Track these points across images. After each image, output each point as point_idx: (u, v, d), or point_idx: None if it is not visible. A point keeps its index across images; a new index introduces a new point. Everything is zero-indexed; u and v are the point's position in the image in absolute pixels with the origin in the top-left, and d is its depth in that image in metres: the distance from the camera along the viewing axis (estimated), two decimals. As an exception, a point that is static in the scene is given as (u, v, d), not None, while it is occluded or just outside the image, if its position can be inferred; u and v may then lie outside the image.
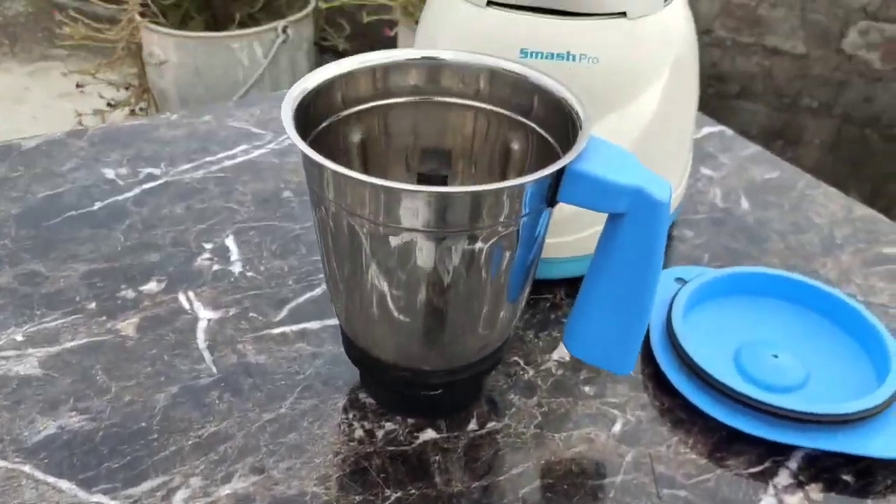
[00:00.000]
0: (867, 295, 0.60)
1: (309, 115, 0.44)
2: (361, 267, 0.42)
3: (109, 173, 0.70)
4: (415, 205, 0.38)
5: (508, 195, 0.39)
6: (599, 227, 0.55)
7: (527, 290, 0.46)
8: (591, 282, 0.45)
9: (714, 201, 0.70)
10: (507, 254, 0.41)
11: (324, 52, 2.15)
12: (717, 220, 0.68)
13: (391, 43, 1.94)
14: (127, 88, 1.95)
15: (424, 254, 0.40)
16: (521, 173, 0.48)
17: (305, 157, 0.40)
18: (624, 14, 0.53)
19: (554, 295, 0.59)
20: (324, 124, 0.46)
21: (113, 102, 1.92)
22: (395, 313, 0.43)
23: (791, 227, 0.67)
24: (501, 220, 0.39)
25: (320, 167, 0.39)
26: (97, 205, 0.66)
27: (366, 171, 0.49)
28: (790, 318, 0.56)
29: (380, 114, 0.48)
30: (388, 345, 0.45)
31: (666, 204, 0.40)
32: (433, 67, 0.48)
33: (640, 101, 0.56)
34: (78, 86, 1.88)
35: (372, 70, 0.47)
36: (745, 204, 0.70)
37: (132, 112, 1.90)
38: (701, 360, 0.50)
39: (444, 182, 0.48)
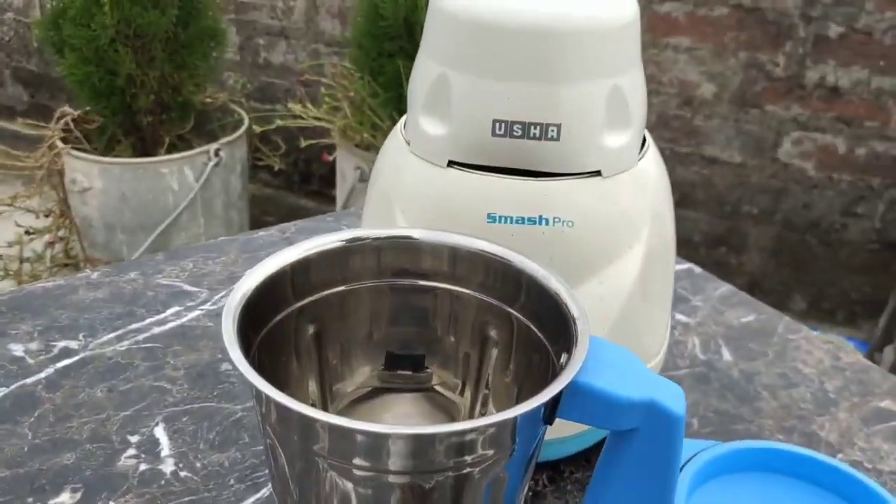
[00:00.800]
0: (874, 461, 0.55)
1: (255, 315, 0.38)
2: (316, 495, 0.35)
3: (17, 349, 0.62)
4: (382, 445, 0.31)
5: (498, 429, 0.32)
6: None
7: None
8: (602, 480, 0.38)
9: (695, 352, 0.65)
10: (499, 482, 0.34)
11: (257, 171, 2.10)
12: (701, 375, 0.62)
13: (330, 169, 1.90)
14: (47, 216, 1.85)
15: (395, 498, 0.33)
16: (504, 363, 0.42)
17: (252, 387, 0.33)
18: (599, 173, 0.48)
19: (535, 483, 0.52)
20: (274, 321, 0.40)
21: (32, 231, 1.82)
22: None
23: (781, 381, 0.62)
24: (492, 454, 0.32)
25: (266, 396, 0.32)
26: (1, 391, 0.58)
27: (322, 363, 0.42)
28: (797, 496, 0.50)
29: (336, 302, 0.42)
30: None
31: (682, 417, 0.34)
32: (399, 249, 0.41)
33: (621, 262, 0.50)
34: (-8, 215, 1.78)
35: (327, 255, 0.40)
36: (727, 355, 0.65)
37: (51, 243, 1.79)
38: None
39: (420, 362, 0.41)
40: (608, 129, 0.47)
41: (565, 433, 0.51)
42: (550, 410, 0.33)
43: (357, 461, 0.31)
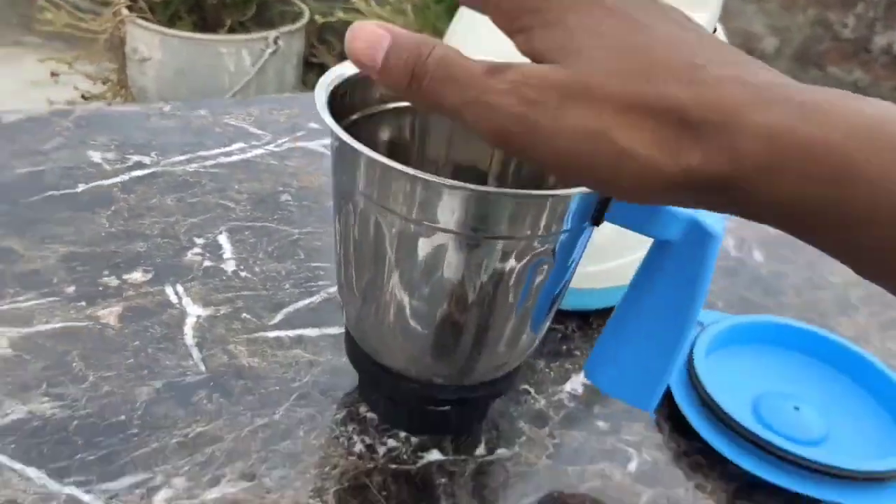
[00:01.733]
0: (885, 358, 0.58)
1: (339, 105, 0.41)
2: (384, 269, 0.39)
3: (95, 156, 0.66)
4: (454, 202, 0.35)
5: (554, 204, 0.36)
6: (622, 261, 0.53)
7: (550, 317, 0.44)
8: (625, 311, 0.42)
9: (727, 250, 0.68)
10: (540, 272, 0.38)
11: (311, 69, 2.12)
12: (731, 269, 0.66)
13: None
14: (104, 83, 1.89)
15: (454, 260, 0.37)
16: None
17: (337, 145, 0.37)
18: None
19: (565, 327, 0.56)
20: (353, 117, 0.43)
21: (88, 95, 1.86)
22: (413, 321, 0.40)
23: (806, 283, 0.66)
24: (540, 232, 0.36)
25: (355, 154, 0.36)
26: (80, 187, 0.62)
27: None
28: (810, 373, 0.54)
29: (418, 115, 0.45)
30: (400, 353, 0.42)
31: (720, 237, 0.38)
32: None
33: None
34: (53, 74, 1.82)
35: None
36: (758, 256, 0.68)
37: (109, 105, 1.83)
38: (723, 405, 0.47)
39: (484, 181, 0.45)
40: None
41: (596, 284, 0.55)
42: (601, 208, 0.37)
43: (432, 217, 0.35)
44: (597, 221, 0.38)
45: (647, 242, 0.40)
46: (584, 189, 0.35)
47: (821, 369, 0.54)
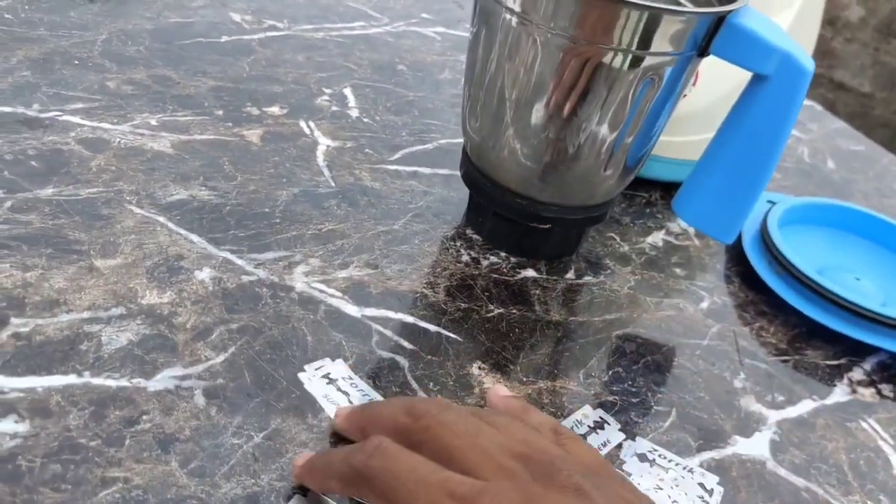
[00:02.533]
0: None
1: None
2: (511, 76, 0.44)
3: (235, 17, 0.73)
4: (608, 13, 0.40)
5: (672, 20, 0.41)
6: (707, 136, 0.58)
7: (642, 162, 0.49)
8: (718, 143, 0.47)
9: (802, 156, 0.73)
10: (648, 88, 0.43)
11: None
12: (804, 171, 0.71)
13: None
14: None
15: (574, 63, 0.42)
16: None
17: None
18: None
19: (650, 195, 0.62)
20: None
21: None
22: (530, 127, 0.45)
23: (874, 191, 0.70)
24: (654, 49, 0.41)
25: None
26: (224, 38, 0.69)
27: None
28: (869, 252, 0.59)
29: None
30: (513, 172, 0.48)
31: (811, 73, 0.43)
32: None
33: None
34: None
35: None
36: (830, 164, 0.73)
37: None
38: (793, 260, 0.53)
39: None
40: None
41: (680, 155, 0.60)
42: (708, 39, 0.42)
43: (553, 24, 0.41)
44: (702, 53, 0.44)
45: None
46: (700, 10, 0.40)
47: (879, 251, 0.59)
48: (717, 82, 0.57)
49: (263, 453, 0.36)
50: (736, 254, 0.57)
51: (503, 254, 0.52)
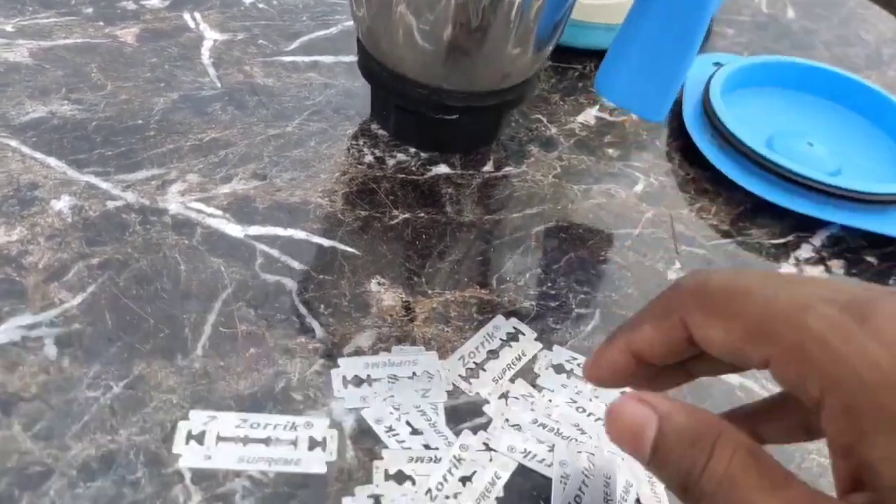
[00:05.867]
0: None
1: None
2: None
3: None
4: None
5: None
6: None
7: (558, 31, 0.43)
8: (637, 16, 0.41)
9: (759, 6, 0.66)
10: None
11: None
12: (761, 23, 0.64)
13: None
14: None
15: None
16: None
17: None
18: None
19: (584, 66, 0.55)
20: None
21: None
22: (424, 21, 0.39)
23: (837, 40, 0.63)
24: None
25: None
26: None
27: None
28: (825, 112, 0.53)
29: None
30: (410, 57, 0.42)
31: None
32: None
33: None
34: None
35: None
36: (791, 13, 0.66)
37: None
38: (737, 133, 0.47)
39: None
40: None
41: (609, 20, 0.54)
42: None
43: None
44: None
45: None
46: None
47: (835, 110, 0.54)
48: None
49: (123, 405, 0.32)
50: (678, 126, 0.51)
51: (412, 150, 0.46)
